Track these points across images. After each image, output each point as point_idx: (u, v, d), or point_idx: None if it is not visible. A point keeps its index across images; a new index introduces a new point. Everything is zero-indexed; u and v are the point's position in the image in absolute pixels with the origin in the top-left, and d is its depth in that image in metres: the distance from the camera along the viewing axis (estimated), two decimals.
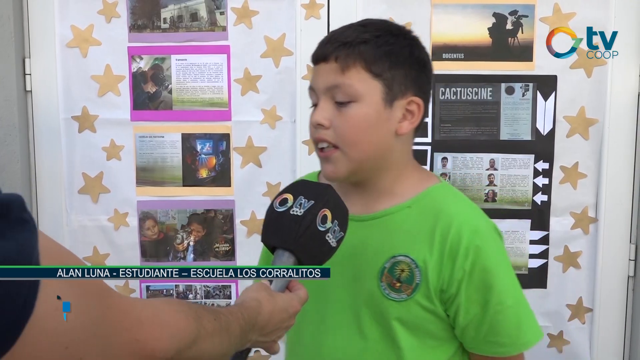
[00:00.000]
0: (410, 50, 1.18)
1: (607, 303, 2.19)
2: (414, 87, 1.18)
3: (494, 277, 1.15)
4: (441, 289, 1.16)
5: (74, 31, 2.16)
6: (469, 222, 1.17)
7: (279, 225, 1.05)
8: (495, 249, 1.18)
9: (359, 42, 1.14)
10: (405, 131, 1.18)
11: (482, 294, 1.15)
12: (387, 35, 1.17)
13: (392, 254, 1.18)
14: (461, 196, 1.26)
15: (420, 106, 1.18)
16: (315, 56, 1.20)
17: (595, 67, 2.11)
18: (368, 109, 1.14)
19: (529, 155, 2.15)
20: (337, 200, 1.07)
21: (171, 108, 2.19)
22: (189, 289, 2.25)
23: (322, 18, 2.12)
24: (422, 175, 1.26)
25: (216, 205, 2.22)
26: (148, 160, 2.21)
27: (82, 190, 2.22)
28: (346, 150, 1.15)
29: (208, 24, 2.16)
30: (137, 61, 2.18)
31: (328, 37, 1.20)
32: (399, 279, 1.17)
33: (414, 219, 1.19)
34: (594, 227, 2.18)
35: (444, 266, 1.15)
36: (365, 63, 1.14)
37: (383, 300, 1.18)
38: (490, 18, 2.13)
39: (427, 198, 1.21)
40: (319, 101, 1.17)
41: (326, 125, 1.15)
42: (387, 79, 1.15)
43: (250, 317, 0.95)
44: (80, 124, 2.19)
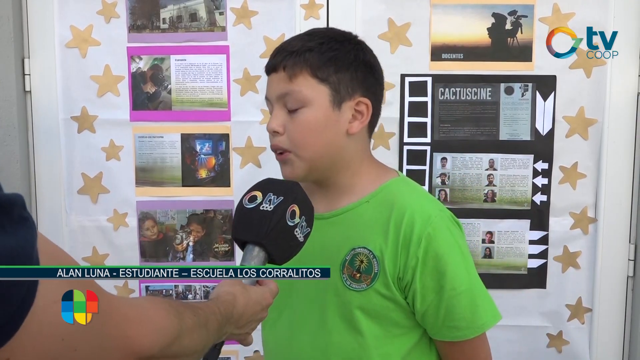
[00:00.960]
0: (355, 54, 1.26)
1: (606, 303, 2.20)
2: (361, 89, 1.25)
3: (446, 264, 1.22)
4: (398, 276, 1.23)
5: (73, 31, 2.18)
6: (421, 211, 1.24)
7: (249, 220, 1.08)
8: (447, 236, 1.24)
9: (304, 50, 1.22)
10: (356, 130, 1.25)
11: (436, 280, 1.22)
12: (331, 42, 1.25)
13: (352, 247, 1.26)
14: (416, 188, 1.34)
15: (368, 106, 1.26)
16: (266, 67, 1.28)
17: (595, 67, 2.13)
18: (317, 113, 1.22)
19: (529, 156, 2.17)
20: (305, 197, 1.13)
21: (170, 108, 2.21)
22: (188, 290, 2.27)
23: (322, 18, 2.14)
24: (380, 171, 1.33)
25: (215, 206, 2.24)
26: (147, 160, 2.23)
27: (82, 191, 2.24)
28: (298, 152, 1.23)
29: (207, 24, 2.18)
30: (136, 61, 2.20)
31: (277, 48, 1.28)
32: (358, 270, 1.25)
33: (371, 212, 1.27)
34: (593, 227, 2.19)
35: (399, 254, 1.22)
36: (311, 69, 1.22)
37: (345, 291, 1.25)
38: (490, 18, 2.15)
39: (383, 192, 1.28)
40: (273, 109, 1.26)
41: (280, 132, 1.23)
42: (333, 82, 1.23)
43: (226, 311, 0.99)
44: (79, 124, 2.21)
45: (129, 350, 0.77)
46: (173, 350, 0.84)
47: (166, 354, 0.83)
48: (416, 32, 2.16)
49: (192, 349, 0.90)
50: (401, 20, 2.15)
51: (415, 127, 2.19)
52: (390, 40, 2.15)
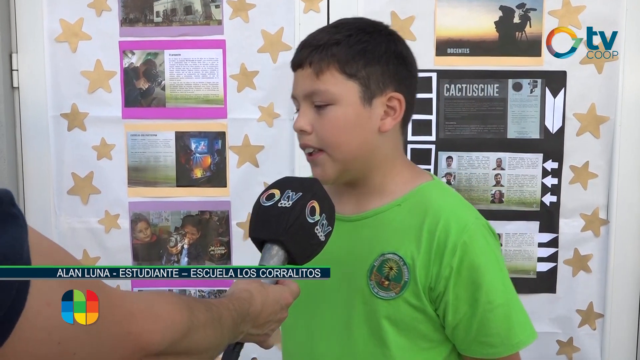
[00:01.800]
0: (386, 45, 1.21)
1: (618, 308, 2.18)
2: (394, 83, 1.20)
3: (483, 275, 1.17)
4: (429, 286, 1.18)
5: (63, 25, 2.16)
6: (457, 218, 1.19)
7: (267, 218, 1.06)
8: (484, 246, 1.19)
9: (331, 44, 1.18)
10: (389, 127, 1.20)
11: (471, 292, 1.17)
12: (359, 33, 1.20)
13: (380, 252, 1.21)
14: (452, 193, 1.29)
15: (401, 101, 1.21)
16: (292, 63, 1.24)
17: (606, 63, 2.10)
18: (346, 110, 1.18)
19: (538, 155, 2.15)
20: (324, 194, 1.10)
21: (164, 105, 2.19)
22: (183, 293, 2.25)
23: (322, 11, 2.12)
24: (414, 172, 1.29)
25: (211, 207, 2.22)
26: (140, 159, 2.21)
27: (72, 191, 2.22)
28: (330, 152, 1.19)
29: (203, 18, 2.16)
30: (128, 56, 2.18)
31: (302, 42, 1.23)
32: (387, 277, 1.20)
33: (403, 216, 1.22)
34: (605, 229, 2.17)
35: (432, 263, 1.17)
36: (338, 65, 1.17)
37: (372, 298, 1.20)
38: (497, 11, 2.12)
39: (417, 195, 1.23)
40: (300, 107, 1.22)
41: (308, 131, 1.19)
42: (362, 77, 1.18)
43: (241, 309, 0.97)
44: (69, 121, 2.19)
45: (135, 347, 0.75)
46: (184, 345, 0.83)
47: (177, 349, 0.82)
48: (420, 26, 2.13)
49: (205, 345, 0.88)
50: (405, 14, 2.12)
51: (419, 124, 2.15)
52: None
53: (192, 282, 2.23)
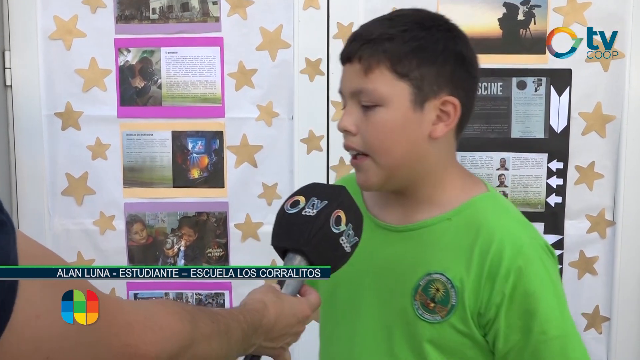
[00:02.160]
0: (444, 43, 1.12)
1: (625, 312, 2.16)
2: (449, 85, 1.11)
3: (537, 303, 1.09)
4: (479, 312, 1.11)
5: (57, 22, 2.14)
6: (512, 239, 1.11)
7: (290, 227, 1.03)
8: (540, 271, 1.11)
9: (384, 39, 1.09)
10: (440, 134, 1.12)
11: (524, 321, 1.09)
12: (415, 28, 1.11)
13: (427, 271, 1.14)
14: (508, 207, 1.20)
15: (456, 106, 1.12)
16: (340, 56, 1.16)
17: (612, 61, 2.08)
18: (395, 113, 1.10)
19: (542, 154, 2.13)
20: (352, 203, 1.05)
21: (161, 104, 2.17)
22: (179, 297, 2.22)
23: (322, 8, 2.10)
24: (467, 182, 1.20)
25: (209, 208, 2.20)
26: (136, 159, 2.19)
27: (66, 192, 2.20)
28: (376, 157, 1.12)
29: (200, 15, 2.13)
30: (124, 54, 2.16)
31: (353, 34, 1.15)
32: (433, 299, 1.13)
33: (453, 232, 1.14)
34: (611, 231, 2.15)
35: (483, 288, 1.10)
36: (390, 63, 1.09)
37: (415, 320, 1.14)
38: (501, 8, 2.10)
39: (469, 210, 1.15)
40: (346, 106, 1.15)
41: (353, 132, 1.12)
42: (415, 78, 1.09)
43: (253, 320, 0.94)
44: (63, 121, 2.17)
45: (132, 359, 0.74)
46: (186, 357, 0.82)
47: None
48: None
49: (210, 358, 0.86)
50: None
51: None
52: None
53: (189, 285, 2.21)
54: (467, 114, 1.15)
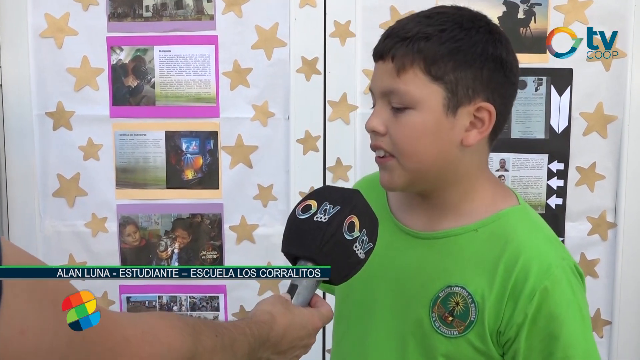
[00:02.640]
0: (483, 46, 1.07)
1: (627, 315, 2.16)
2: (486, 91, 1.07)
3: (562, 326, 1.06)
4: (498, 330, 1.08)
5: (49, 20, 2.13)
6: (540, 257, 1.07)
7: (301, 233, 1.00)
8: (567, 293, 1.08)
9: (420, 38, 1.05)
10: (473, 142, 1.08)
11: (546, 344, 1.06)
12: (454, 28, 1.07)
13: (447, 283, 1.11)
14: (538, 223, 1.16)
15: (491, 113, 1.07)
16: (374, 53, 1.13)
17: (614, 60, 2.07)
18: (426, 117, 1.06)
19: (543, 155, 2.13)
20: (366, 208, 1.03)
21: (154, 104, 2.16)
22: (173, 301, 2.21)
23: (318, 6, 2.09)
24: (498, 194, 1.16)
25: (203, 210, 2.19)
26: (129, 160, 2.18)
27: (57, 193, 2.19)
28: (402, 160, 1.09)
29: (194, 13, 2.12)
30: (117, 52, 2.15)
31: (389, 30, 1.11)
32: (452, 313, 1.09)
33: (478, 245, 1.11)
34: (612, 233, 2.15)
35: (505, 306, 1.07)
36: (424, 64, 1.05)
37: (432, 333, 1.11)
38: (501, 6, 2.09)
39: (497, 222, 1.11)
40: (376, 104, 1.12)
41: (382, 132, 1.09)
42: (449, 82, 1.06)
43: (260, 333, 0.92)
44: (55, 120, 2.16)
45: None
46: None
47: None
48: None
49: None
50: (405, 8, 2.08)
51: None
52: None
53: (183, 289, 2.20)
54: (502, 121, 1.11)
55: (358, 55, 2.10)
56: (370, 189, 1.22)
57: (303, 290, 1.00)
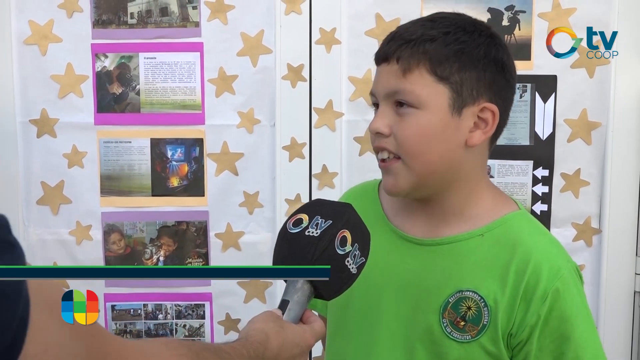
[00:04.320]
0: (485, 49, 1.11)
1: (611, 320, 2.17)
2: (489, 93, 1.11)
3: (573, 327, 1.09)
4: (510, 332, 1.10)
5: (32, 27, 2.12)
6: (550, 260, 1.10)
7: (292, 247, 1.00)
8: (576, 295, 1.11)
9: (425, 40, 1.09)
10: (477, 142, 1.11)
11: (557, 345, 1.09)
12: (458, 32, 1.10)
13: (458, 288, 1.12)
14: (542, 228, 1.19)
15: (495, 114, 1.11)
16: (377, 55, 1.15)
17: (598, 67, 2.09)
18: (432, 117, 1.09)
19: (528, 162, 2.14)
20: (358, 222, 1.03)
21: (139, 111, 2.16)
22: (158, 309, 2.21)
23: (304, 13, 2.10)
24: (498, 198, 1.19)
25: (188, 217, 2.19)
26: (113, 167, 2.18)
27: (41, 201, 2.19)
28: (408, 161, 1.10)
29: (179, 19, 2.13)
30: (101, 60, 2.15)
31: (392, 34, 1.14)
32: (464, 318, 1.11)
33: (486, 249, 1.12)
34: (597, 239, 2.16)
35: (518, 308, 1.09)
36: (430, 64, 1.08)
37: (443, 338, 1.12)
38: (485, 13, 2.11)
39: (503, 227, 1.14)
40: (379, 106, 1.13)
41: (386, 133, 1.10)
42: (455, 82, 1.09)
43: (256, 354, 0.93)
44: (38, 128, 2.16)
45: None
46: None
47: None
48: None
49: None
50: (390, 16, 2.10)
51: None
52: (378, 37, 2.09)
53: (168, 297, 2.20)
54: (502, 124, 1.14)
55: (344, 62, 2.12)
56: (363, 198, 1.23)
57: (294, 305, 1.00)
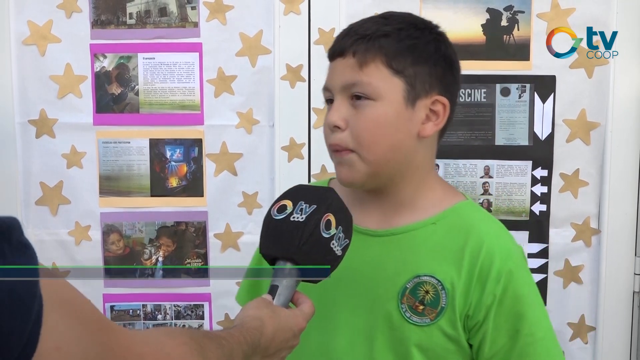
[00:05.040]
0: (436, 45, 1.16)
1: (611, 321, 2.17)
2: (439, 86, 1.15)
3: (526, 306, 1.13)
4: (467, 314, 1.13)
5: (31, 27, 2.13)
6: (501, 244, 1.16)
7: (278, 233, 1.03)
8: (527, 276, 1.17)
9: (380, 35, 1.13)
10: (429, 133, 1.15)
11: (512, 323, 1.13)
12: (410, 28, 1.15)
13: (415, 273, 1.15)
14: (491, 217, 1.25)
15: (445, 106, 1.16)
16: (331, 51, 1.18)
17: (597, 67, 2.10)
18: (388, 108, 1.12)
19: (527, 162, 2.14)
20: (341, 205, 1.06)
21: (138, 111, 2.17)
22: (157, 309, 2.21)
23: (303, 13, 2.10)
24: (447, 190, 1.24)
25: (187, 217, 2.20)
26: (112, 168, 2.18)
27: (40, 202, 2.19)
28: (363, 152, 1.13)
29: (178, 20, 2.14)
30: (100, 60, 2.15)
31: (346, 30, 1.18)
32: (422, 302, 1.14)
33: (439, 236, 1.16)
34: (596, 239, 2.16)
35: (473, 290, 1.13)
36: (385, 58, 1.12)
37: (403, 323, 1.15)
38: (484, 14, 2.12)
39: (454, 215, 1.18)
40: (335, 100, 1.15)
41: (342, 127, 1.13)
42: (409, 76, 1.13)
43: (253, 340, 0.95)
44: (37, 128, 2.16)
45: None
46: None
47: None
48: None
49: None
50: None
51: None
52: None
53: (167, 297, 2.20)
54: (451, 118, 1.19)
55: None
56: None
57: (284, 290, 1.03)
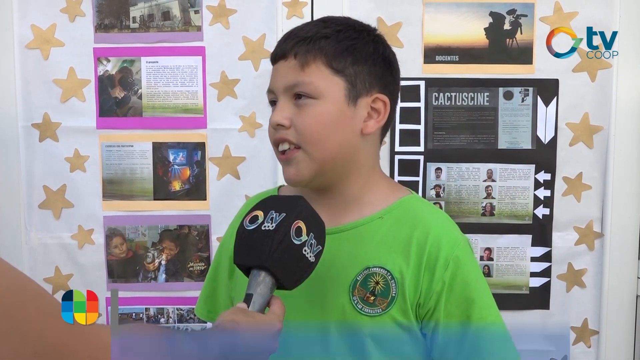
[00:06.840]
0: (374, 46, 1.22)
1: (614, 325, 2.18)
2: (379, 85, 1.21)
3: (475, 291, 1.17)
4: (418, 302, 1.17)
5: (35, 31, 2.14)
6: (446, 232, 1.20)
7: (250, 243, 1.05)
8: (473, 263, 1.21)
9: (320, 37, 1.18)
10: (372, 130, 1.20)
11: (463, 309, 1.17)
12: (348, 30, 1.21)
13: (365, 265, 1.18)
14: (437, 208, 1.31)
15: (386, 104, 1.21)
16: (273, 54, 1.24)
17: (600, 71, 2.12)
18: (330, 106, 1.17)
19: (530, 166, 2.15)
20: (311, 212, 1.08)
21: (141, 115, 2.18)
22: (160, 313, 2.22)
23: (305, 17, 2.12)
24: (392, 185, 1.30)
25: (190, 221, 2.21)
26: (115, 171, 2.19)
27: (43, 205, 2.20)
28: (308, 149, 1.17)
29: (181, 24, 2.15)
30: (103, 64, 2.17)
31: (287, 34, 1.23)
32: (373, 292, 1.17)
33: (387, 228, 1.20)
34: (599, 243, 2.17)
35: (422, 278, 1.17)
36: (326, 59, 1.17)
37: (355, 315, 1.18)
38: (487, 17, 2.13)
39: (400, 208, 1.23)
40: (278, 101, 1.20)
41: (286, 125, 1.17)
42: (349, 75, 1.18)
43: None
44: (41, 132, 2.17)
45: None
46: None
47: None
48: (408, 33, 2.13)
49: None
50: (391, 20, 2.13)
51: (407, 134, 2.15)
52: None
53: (170, 301, 2.21)
54: (391, 115, 1.24)
55: None
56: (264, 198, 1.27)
57: (258, 298, 1.04)
